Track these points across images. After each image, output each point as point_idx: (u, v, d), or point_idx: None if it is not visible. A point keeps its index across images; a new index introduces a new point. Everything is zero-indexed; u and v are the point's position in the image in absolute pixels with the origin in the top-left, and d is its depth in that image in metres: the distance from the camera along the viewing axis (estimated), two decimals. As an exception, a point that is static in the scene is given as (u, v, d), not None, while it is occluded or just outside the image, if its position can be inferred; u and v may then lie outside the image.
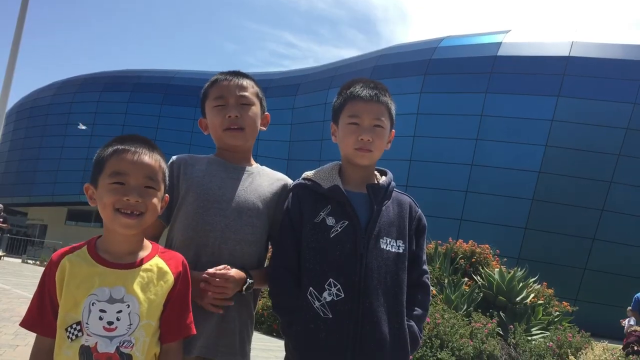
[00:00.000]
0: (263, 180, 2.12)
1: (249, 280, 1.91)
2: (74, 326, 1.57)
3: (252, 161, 2.20)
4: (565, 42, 22.17)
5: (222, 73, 2.17)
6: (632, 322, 14.85)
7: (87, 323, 1.56)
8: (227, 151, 2.13)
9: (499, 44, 23.14)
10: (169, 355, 1.67)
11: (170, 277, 1.67)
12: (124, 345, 1.56)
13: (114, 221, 1.62)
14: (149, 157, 1.68)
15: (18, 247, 27.03)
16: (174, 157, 2.11)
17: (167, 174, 1.77)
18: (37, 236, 36.09)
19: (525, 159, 21.51)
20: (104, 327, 1.55)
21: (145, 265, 1.66)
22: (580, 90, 21.10)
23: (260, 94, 2.19)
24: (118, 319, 1.57)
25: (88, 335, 1.55)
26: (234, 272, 1.88)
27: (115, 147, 1.68)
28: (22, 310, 7.82)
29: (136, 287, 1.60)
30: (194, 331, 1.72)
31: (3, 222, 18.12)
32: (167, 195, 1.79)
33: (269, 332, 8.91)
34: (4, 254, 21.78)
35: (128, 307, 1.58)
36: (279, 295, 1.95)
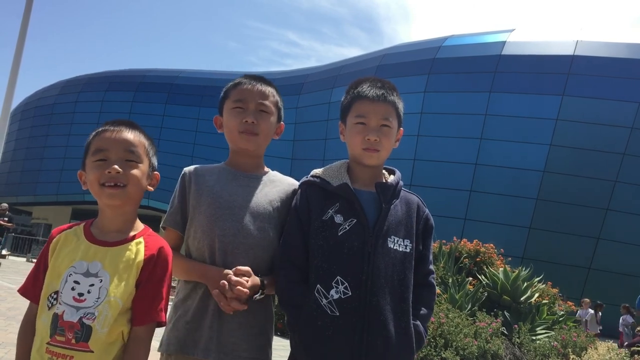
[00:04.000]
0: (274, 186, 2.12)
1: (261, 290, 1.93)
2: (53, 295, 1.65)
3: (265, 167, 2.20)
4: (569, 41, 22.10)
5: (246, 76, 2.18)
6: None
7: (61, 292, 1.63)
8: (238, 154, 2.14)
9: (503, 43, 23.08)
10: (136, 343, 1.68)
11: (141, 260, 1.70)
12: (87, 316, 1.61)
13: (100, 195, 1.73)
14: (128, 133, 1.79)
15: (23, 246, 27.15)
16: (185, 169, 2.13)
17: (150, 150, 1.84)
18: (42, 235, 36.14)
19: (529, 158, 21.46)
20: (74, 297, 1.62)
21: (127, 245, 1.72)
22: (585, 90, 21.04)
23: (280, 104, 2.20)
24: (89, 292, 1.63)
25: (60, 304, 1.63)
26: (252, 280, 1.89)
27: (97, 130, 1.81)
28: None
29: (111, 264, 1.67)
30: (164, 319, 1.73)
31: (8, 222, 18.17)
32: (156, 172, 1.86)
33: (274, 331, 8.91)
34: (9, 253, 21.84)
35: (100, 282, 1.64)
36: (285, 291, 1.95)
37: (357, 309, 1.83)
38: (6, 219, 17.96)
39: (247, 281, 1.87)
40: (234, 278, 1.84)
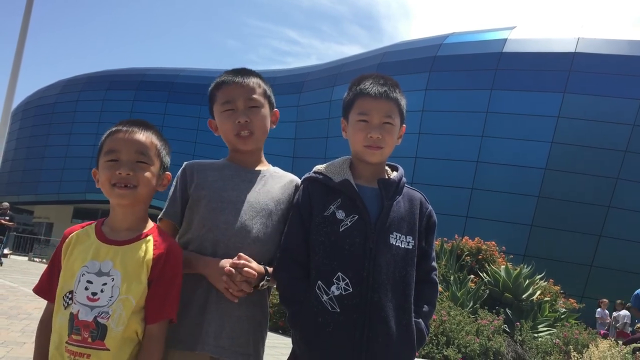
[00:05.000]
0: (276, 182, 2.12)
1: (266, 278, 1.92)
2: (68, 295, 1.69)
3: (265, 162, 2.19)
4: (571, 39, 22.06)
5: (227, 73, 2.13)
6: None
7: (75, 292, 1.68)
8: (238, 153, 2.13)
9: (505, 40, 23.05)
10: (150, 340, 1.72)
11: (150, 258, 1.74)
12: (101, 315, 1.65)
13: (110, 195, 1.77)
14: (140, 135, 1.81)
15: (24, 245, 27.23)
16: (186, 163, 2.12)
17: (162, 151, 1.86)
18: (43, 234, 36.26)
19: (531, 155, 21.44)
20: (87, 297, 1.66)
21: (136, 244, 1.75)
22: (587, 87, 21.00)
23: (269, 92, 2.16)
24: (102, 291, 1.67)
25: (75, 303, 1.66)
26: (255, 266, 1.89)
27: (111, 130, 1.85)
28: (29, 307, 7.78)
29: (122, 263, 1.71)
30: (174, 317, 1.77)
31: (9, 221, 18.16)
32: (168, 173, 1.90)
33: (275, 329, 8.91)
34: (11, 252, 21.89)
35: (112, 281, 1.68)
36: (286, 287, 1.94)
37: (358, 306, 1.82)
38: (7, 218, 17.94)
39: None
40: (240, 262, 1.85)
